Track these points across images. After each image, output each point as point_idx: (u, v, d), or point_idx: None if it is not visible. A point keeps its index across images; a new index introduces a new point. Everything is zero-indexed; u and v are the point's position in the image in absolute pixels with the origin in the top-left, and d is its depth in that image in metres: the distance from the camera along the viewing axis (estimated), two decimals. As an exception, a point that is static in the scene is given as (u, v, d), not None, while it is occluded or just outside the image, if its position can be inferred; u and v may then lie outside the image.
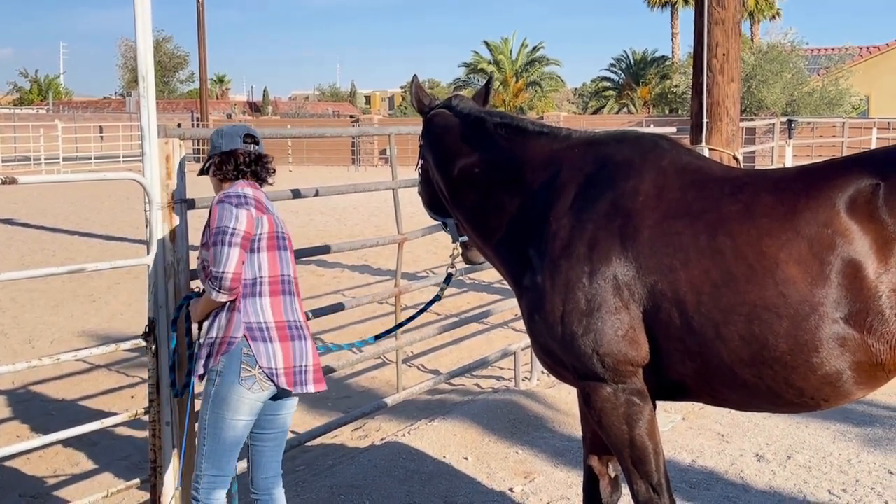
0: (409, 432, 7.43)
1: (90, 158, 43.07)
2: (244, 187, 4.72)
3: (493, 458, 6.93)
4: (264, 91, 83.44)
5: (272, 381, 4.54)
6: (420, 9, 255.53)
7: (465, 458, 6.91)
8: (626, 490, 4.58)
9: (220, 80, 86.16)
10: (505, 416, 7.73)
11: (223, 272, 4.45)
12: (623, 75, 68.26)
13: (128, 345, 5.27)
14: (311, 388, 4.68)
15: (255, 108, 78.25)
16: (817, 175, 3.96)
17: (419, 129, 5.28)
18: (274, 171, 4.99)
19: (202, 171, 4.89)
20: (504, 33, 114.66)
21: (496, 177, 4.65)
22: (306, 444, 7.02)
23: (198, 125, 47.55)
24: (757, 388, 3.94)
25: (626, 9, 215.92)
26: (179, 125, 44.14)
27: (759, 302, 3.80)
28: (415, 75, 5.15)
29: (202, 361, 4.59)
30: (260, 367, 4.50)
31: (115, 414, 8.65)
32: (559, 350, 4.23)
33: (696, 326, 3.90)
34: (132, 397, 9.29)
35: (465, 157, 4.77)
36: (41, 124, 44.62)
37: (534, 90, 71.43)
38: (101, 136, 49.56)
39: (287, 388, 4.59)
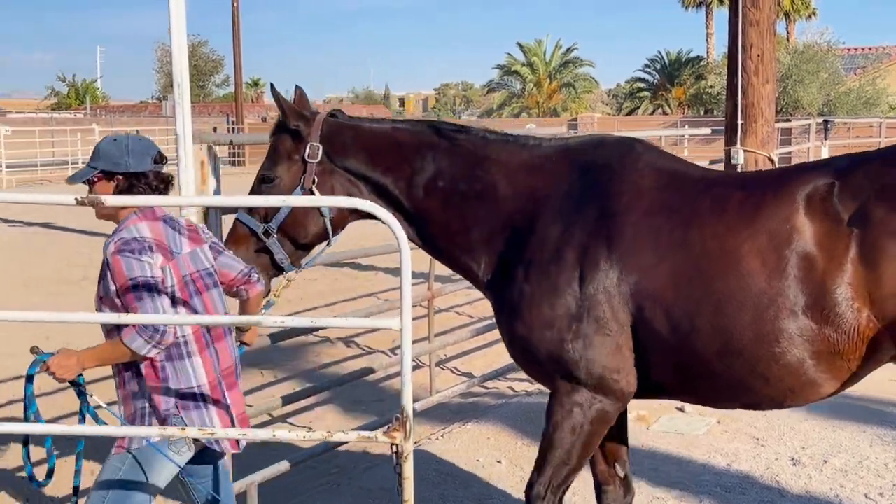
0: (442, 435, 7.44)
1: (127, 162, 43.35)
2: (139, 223, 4.11)
3: (527, 461, 6.91)
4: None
5: (211, 446, 4.26)
6: (452, 11, 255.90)
7: (499, 462, 6.92)
8: (637, 488, 4.57)
9: (255, 84, 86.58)
10: (539, 419, 7.67)
11: (165, 325, 3.92)
12: (657, 76, 67.91)
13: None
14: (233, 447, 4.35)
15: (289, 110, 78.48)
16: (786, 175, 4.16)
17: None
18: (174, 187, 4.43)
19: (75, 179, 4.24)
20: (538, 35, 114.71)
21: (466, 188, 4.50)
22: (341, 447, 7.05)
23: (233, 129, 47.85)
24: (729, 380, 4.05)
25: (661, 9, 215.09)
26: (215, 129, 44.49)
27: (724, 294, 3.93)
28: (298, 87, 4.79)
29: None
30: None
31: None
32: (544, 357, 4.27)
33: (672, 321, 4.01)
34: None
35: (425, 172, 4.55)
36: (79, 128, 45.00)
37: (567, 91, 71.37)
38: (138, 140, 49.92)
39: (233, 451, 4.36)
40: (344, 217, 4.62)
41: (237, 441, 4.31)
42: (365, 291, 14.29)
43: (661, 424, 7.61)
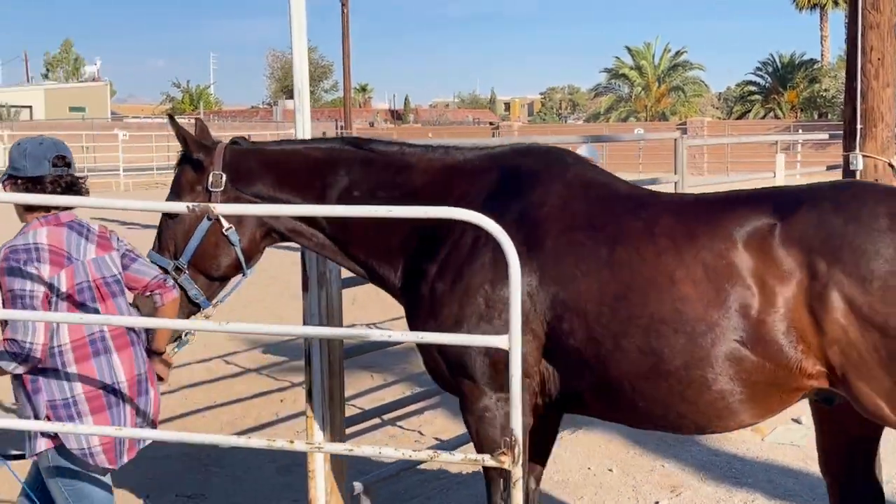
0: (552, 442, 7.42)
1: (239, 166, 44.32)
2: (40, 228, 4.09)
3: (639, 470, 6.88)
4: (406, 99, 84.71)
5: (86, 458, 4.12)
6: (559, 15, 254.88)
7: (610, 470, 6.88)
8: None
9: (363, 89, 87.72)
10: (650, 427, 7.65)
11: (32, 343, 3.89)
12: (769, 79, 66.68)
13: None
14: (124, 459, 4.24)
15: (396, 116, 79.40)
16: (718, 205, 4.02)
17: (564, 138, 5.18)
18: (87, 191, 4.35)
19: None
20: (646, 38, 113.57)
21: (386, 196, 4.38)
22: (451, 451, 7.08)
23: (342, 134, 48.52)
24: (655, 402, 3.95)
25: (773, 11, 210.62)
26: (324, 134, 45.05)
27: (655, 317, 3.84)
28: (198, 118, 4.78)
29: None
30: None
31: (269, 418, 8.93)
32: (450, 354, 4.15)
33: (595, 337, 3.93)
34: (281, 401, 9.54)
35: (338, 185, 4.46)
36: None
37: (676, 95, 70.63)
38: (250, 145, 51.00)
39: (110, 466, 4.19)
40: (256, 244, 4.53)
41: (115, 457, 4.20)
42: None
43: (775, 436, 7.47)
